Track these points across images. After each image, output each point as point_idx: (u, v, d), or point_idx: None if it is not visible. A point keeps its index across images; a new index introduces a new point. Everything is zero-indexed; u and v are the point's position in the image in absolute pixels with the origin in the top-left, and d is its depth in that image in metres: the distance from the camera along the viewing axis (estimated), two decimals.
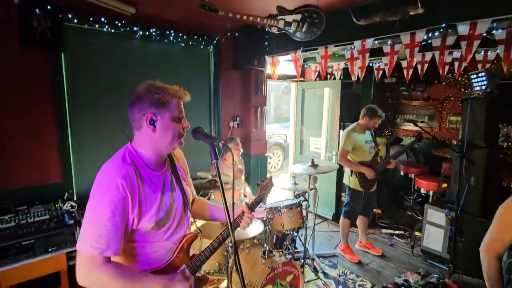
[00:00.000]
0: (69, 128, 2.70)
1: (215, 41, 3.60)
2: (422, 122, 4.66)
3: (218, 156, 1.17)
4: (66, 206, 2.32)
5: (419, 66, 3.42)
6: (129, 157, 1.14)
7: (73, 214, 2.21)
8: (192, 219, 1.37)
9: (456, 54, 3.37)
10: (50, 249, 1.98)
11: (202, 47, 3.58)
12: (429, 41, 2.70)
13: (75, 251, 2.22)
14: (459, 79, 4.48)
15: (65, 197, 2.50)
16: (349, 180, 3.32)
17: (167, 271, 1.21)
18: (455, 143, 4.36)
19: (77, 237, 2.05)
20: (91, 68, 2.80)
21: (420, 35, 2.48)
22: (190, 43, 3.43)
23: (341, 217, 3.47)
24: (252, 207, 1.49)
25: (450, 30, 2.48)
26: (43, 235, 1.96)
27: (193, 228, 1.44)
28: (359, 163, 3.20)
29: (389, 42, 2.85)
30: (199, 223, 2.36)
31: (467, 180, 3.05)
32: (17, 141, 2.44)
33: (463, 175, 3.06)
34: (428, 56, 3.34)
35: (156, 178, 1.20)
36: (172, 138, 1.16)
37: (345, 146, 3.21)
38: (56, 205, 2.35)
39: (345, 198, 3.54)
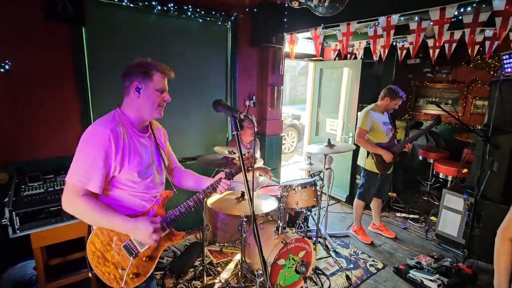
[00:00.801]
0: (90, 102, 2.77)
1: (233, 17, 3.53)
2: (446, 104, 4.47)
3: (239, 128, 1.18)
4: None
5: (446, 46, 3.24)
6: (118, 117, 1.36)
7: None
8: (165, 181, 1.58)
9: (488, 32, 3.17)
10: None
11: (219, 23, 3.51)
12: (460, 18, 2.54)
13: None
14: (489, 60, 4.24)
15: None
16: (365, 161, 3.28)
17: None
18: (479, 128, 4.19)
19: None
20: (111, 43, 2.82)
21: (451, 11, 2.34)
22: (208, 18, 3.37)
23: (356, 199, 3.46)
24: (231, 174, 1.61)
25: (484, 6, 2.33)
26: None
27: None
28: (376, 145, 3.15)
29: (416, 19, 2.71)
30: (215, 197, 2.43)
31: (490, 166, 2.96)
32: (43, 114, 2.53)
33: (486, 160, 2.97)
34: (457, 34, 3.16)
35: (140, 138, 1.41)
36: (152, 105, 1.37)
37: (363, 126, 3.14)
38: None
39: (359, 180, 3.52)
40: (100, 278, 1.33)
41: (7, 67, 2.28)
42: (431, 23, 2.53)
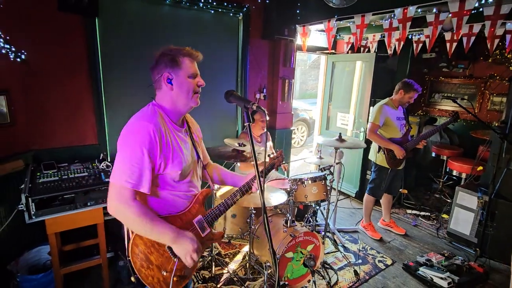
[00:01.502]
0: (103, 93, 2.80)
1: (245, 9, 3.49)
2: (463, 99, 4.34)
3: (251, 119, 1.17)
4: (102, 166, 2.46)
5: (464, 39, 3.14)
6: (157, 111, 1.27)
7: (109, 173, 2.34)
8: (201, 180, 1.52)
9: (510, 26, 3.05)
10: (89, 203, 2.14)
11: (231, 14, 3.49)
12: (480, 9, 2.44)
13: None
14: (509, 55, 4.09)
15: (100, 158, 2.65)
16: (376, 156, 3.22)
17: (184, 218, 1.36)
18: (496, 125, 4.07)
19: None
20: (124, 34, 2.83)
21: (471, 2, 2.25)
22: (220, 10, 3.34)
23: (366, 194, 3.43)
24: (263, 173, 1.55)
25: None
26: (82, 190, 2.11)
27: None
28: (389, 140, 3.09)
29: (433, 10, 2.62)
30: (225, 189, 2.44)
31: (507, 164, 2.87)
32: (57, 104, 2.57)
33: (502, 158, 2.88)
34: (476, 28, 3.05)
35: (180, 133, 1.34)
36: (187, 94, 1.27)
37: (376, 120, 3.07)
38: (93, 164, 2.51)
39: (370, 175, 3.47)
40: (143, 282, 1.27)
41: (23, 57, 2.32)
42: (450, 15, 2.45)
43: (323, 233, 3.07)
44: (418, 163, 4.75)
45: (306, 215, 3.01)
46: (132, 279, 1.27)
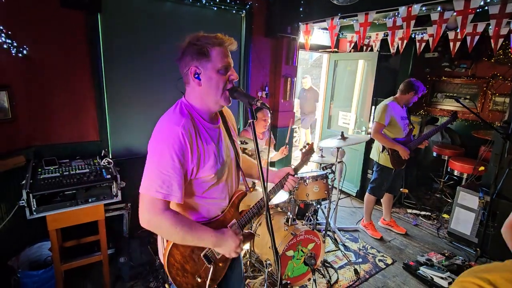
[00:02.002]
0: (105, 90, 2.78)
1: (248, 6, 3.47)
2: (465, 99, 4.33)
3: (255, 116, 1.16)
4: (104, 162, 2.46)
5: (468, 38, 3.12)
6: (186, 109, 1.17)
7: (110, 170, 2.34)
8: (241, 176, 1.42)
9: None
10: (90, 200, 2.13)
11: (234, 11, 3.47)
12: (485, 8, 2.43)
13: (112, 203, 2.41)
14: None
15: (102, 154, 2.64)
16: (379, 156, 3.20)
17: (219, 223, 1.29)
18: (498, 125, 4.06)
19: (114, 191, 2.21)
20: (126, 30, 2.81)
21: (476, 1, 2.24)
22: (223, 7, 3.33)
23: (367, 193, 3.42)
24: (296, 170, 1.48)
25: None
26: (83, 186, 2.11)
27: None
28: (393, 140, 3.07)
29: (438, 9, 2.60)
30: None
31: (509, 164, 2.86)
32: (59, 100, 2.56)
33: (504, 158, 2.87)
34: (481, 27, 3.03)
35: (212, 131, 1.22)
36: (217, 91, 1.13)
37: (381, 120, 3.01)
38: (94, 161, 2.50)
39: (371, 175, 3.47)
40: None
41: (25, 52, 2.31)
42: (454, 13, 2.43)
43: (323, 231, 3.06)
44: (419, 162, 4.74)
45: (306, 214, 3.01)
46: (166, 286, 1.28)
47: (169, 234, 1.14)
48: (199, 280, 1.28)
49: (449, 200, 4.26)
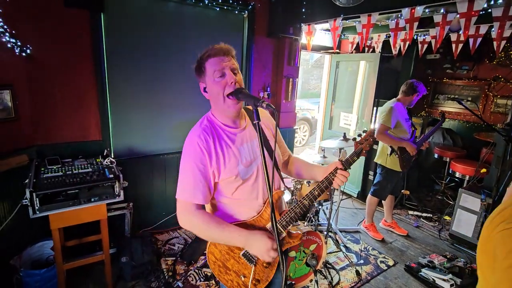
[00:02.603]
0: (108, 89, 2.79)
1: (250, 6, 3.47)
2: (467, 101, 4.34)
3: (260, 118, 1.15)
4: (106, 162, 2.46)
5: (470, 40, 3.12)
6: (207, 120, 1.29)
7: (112, 169, 2.34)
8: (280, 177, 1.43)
9: None
10: (92, 199, 2.13)
11: (236, 12, 3.47)
12: (489, 10, 2.43)
13: (114, 203, 2.41)
14: None
15: (104, 154, 2.64)
16: (386, 159, 3.18)
17: (256, 223, 1.29)
18: (500, 127, 4.06)
19: (116, 191, 2.21)
20: (129, 30, 2.81)
21: (480, 3, 2.24)
22: (225, 7, 3.33)
23: (369, 195, 3.42)
24: (347, 163, 1.34)
25: None
26: (86, 186, 2.11)
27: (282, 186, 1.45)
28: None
29: (441, 11, 2.60)
30: None
31: (511, 166, 2.86)
32: (62, 99, 2.57)
33: (506, 160, 2.87)
34: (483, 29, 3.04)
35: (234, 135, 1.28)
36: (218, 99, 1.21)
37: (387, 122, 2.99)
38: (97, 160, 2.50)
39: (374, 177, 3.47)
40: (225, 286, 1.32)
41: (28, 51, 2.31)
42: (458, 15, 2.43)
43: (325, 233, 3.06)
44: (420, 164, 4.74)
45: (308, 215, 3.01)
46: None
47: (201, 230, 1.22)
48: (243, 279, 1.30)
49: (450, 202, 4.26)
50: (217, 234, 1.20)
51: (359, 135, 1.42)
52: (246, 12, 3.50)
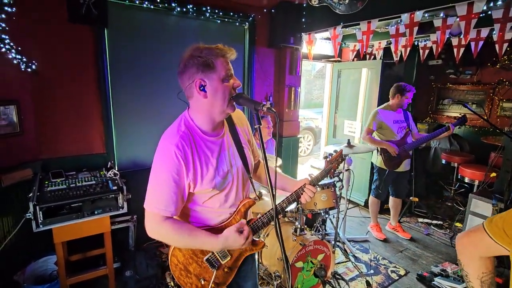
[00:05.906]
0: (111, 103, 2.81)
1: (251, 18, 3.53)
2: (473, 104, 4.31)
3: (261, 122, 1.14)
4: (110, 174, 2.45)
5: (472, 44, 3.12)
6: (184, 125, 1.18)
7: (116, 181, 2.33)
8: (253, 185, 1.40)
9: None
10: (96, 212, 2.12)
11: (237, 24, 3.52)
12: (489, 13, 2.43)
13: (118, 215, 2.39)
14: None
15: (108, 166, 2.64)
16: (376, 158, 3.36)
17: (225, 229, 1.27)
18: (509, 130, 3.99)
19: (120, 203, 2.20)
20: (132, 44, 2.87)
21: (479, 5, 2.24)
22: (226, 19, 3.39)
23: (370, 195, 3.54)
24: (316, 180, 1.42)
25: None
26: (90, 198, 2.10)
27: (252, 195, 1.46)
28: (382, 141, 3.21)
29: (441, 15, 2.61)
30: None
31: None
32: (66, 113, 2.60)
33: None
34: (484, 32, 3.03)
35: (213, 144, 1.22)
36: (223, 101, 1.14)
37: (369, 125, 3.26)
38: (101, 172, 2.50)
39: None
40: None
41: (33, 67, 2.36)
42: (457, 19, 2.43)
43: (333, 242, 2.99)
44: (427, 170, 4.66)
45: (314, 224, 2.95)
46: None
47: (171, 240, 1.21)
48: (203, 282, 1.31)
49: (460, 208, 4.15)
50: (189, 242, 1.18)
51: (330, 155, 1.52)
52: (247, 23, 3.56)
